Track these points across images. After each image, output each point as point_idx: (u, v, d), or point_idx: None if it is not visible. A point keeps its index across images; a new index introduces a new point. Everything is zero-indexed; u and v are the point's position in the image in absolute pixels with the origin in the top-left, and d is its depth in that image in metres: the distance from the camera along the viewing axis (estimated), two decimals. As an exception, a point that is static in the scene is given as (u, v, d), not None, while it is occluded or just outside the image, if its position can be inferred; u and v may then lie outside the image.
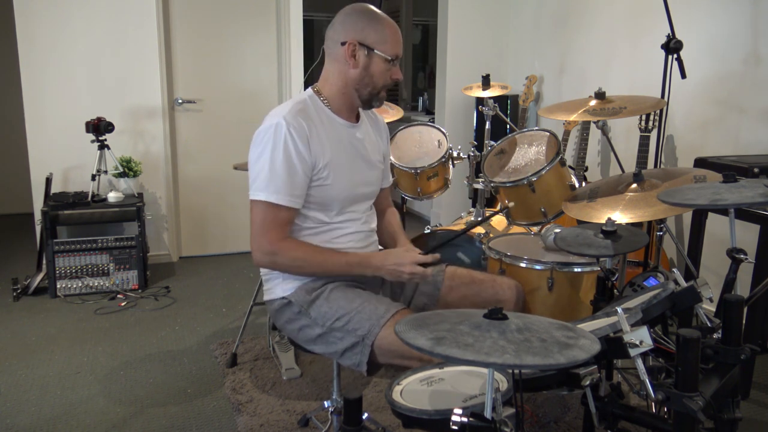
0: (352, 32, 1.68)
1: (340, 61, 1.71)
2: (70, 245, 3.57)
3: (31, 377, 2.62)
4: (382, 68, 1.70)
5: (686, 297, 1.38)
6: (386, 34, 1.68)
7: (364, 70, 1.70)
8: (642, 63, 3.52)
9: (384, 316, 1.61)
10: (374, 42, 1.67)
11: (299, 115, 1.65)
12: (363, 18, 1.68)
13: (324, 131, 1.71)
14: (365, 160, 1.82)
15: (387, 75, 1.72)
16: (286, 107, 1.67)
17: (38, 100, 3.78)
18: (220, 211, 4.44)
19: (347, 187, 1.75)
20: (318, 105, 1.74)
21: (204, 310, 3.42)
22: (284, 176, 1.63)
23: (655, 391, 1.13)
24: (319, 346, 1.71)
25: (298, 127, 1.63)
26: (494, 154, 2.55)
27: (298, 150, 1.63)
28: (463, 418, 1.04)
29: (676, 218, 3.37)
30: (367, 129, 1.87)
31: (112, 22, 3.85)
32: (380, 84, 1.72)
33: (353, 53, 1.68)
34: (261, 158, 1.64)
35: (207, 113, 4.31)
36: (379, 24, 1.68)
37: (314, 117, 1.70)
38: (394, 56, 1.70)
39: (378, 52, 1.68)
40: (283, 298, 1.75)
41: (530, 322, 1.04)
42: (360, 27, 1.68)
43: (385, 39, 1.68)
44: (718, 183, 1.49)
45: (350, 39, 1.68)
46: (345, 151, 1.75)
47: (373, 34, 1.67)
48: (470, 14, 4.60)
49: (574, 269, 2.09)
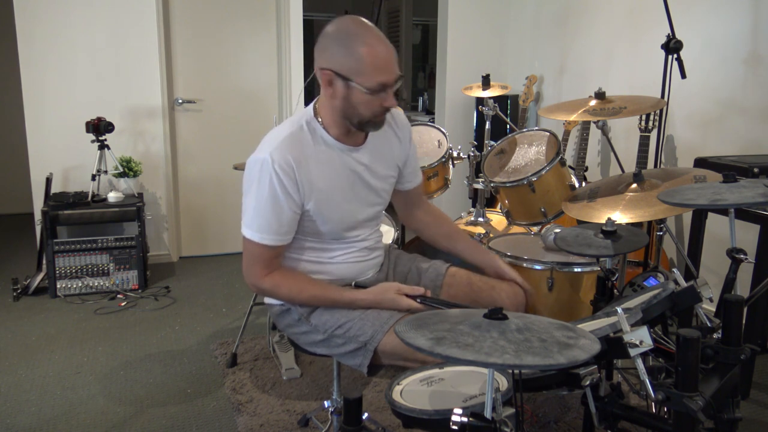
0: (326, 59, 1.51)
1: (323, 88, 1.56)
2: (70, 245, 3.57)
3: (31, 377, 2.62)
4: (365, 99, 1.51)
5: (686, 297, 1.38)
6: (365, 62, 1.46)
7: (344, 101, 1.53)
8: (642, 63, 3.52)
9: (388, 321, 1.59)
10: (350, 72, 1.48)
11: (289, 150, 1.55)
12: (340, 42, 1.49)
13: (317, 161, 1.61)
14: (366, 184, 1.71)
15: (374, 104, 1.52)
16: (278, 138, 1.58)
17: (38, 100, 3.78)
18: (220, 211, 4.44)
19: (341, 219, 1.68)
20: (315, 130, 1.63)
21: (204, 310, 3.42)
22: (269, 215, 1.57)
23: (655, 391, 1.13)
24: (321, 349, 1.71)
25: (285, 165, 1.54)
26: (494, 154, 2.55)
27: (285, 188, 1.55)
28: (463, 418, 1.04)
29: (676, 218, 3.37)
30: (376, 147, 1.73)
31: (113, 22, 3.85)
32: (368, 114, 1.55)
33: (330, 82, 1.53)
34: (248, 193, 1.60)
35: (207, 113, 4.31)
36: (356, 49, 1.46)
37: (308, 146, 1.60)
38: (377, 87, 1.49)
39: (355, 84, 1.49)
40: (282, 305, 1.74)
41: (530, 322, 1.04)
42: (336, 53, 1.49)
43: (362, 69, 1.47)
44: (718, 183, 1.49)
45: (326, 66, 1.51)
46: (341, 179, 1.65)
47: (349, 63, 1.48)
48: (470, 14, 4.60)
49: (574, 269, 2.09)
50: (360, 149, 1.69)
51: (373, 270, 1.84)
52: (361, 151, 1.69)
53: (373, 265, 1.84)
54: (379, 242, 1.87)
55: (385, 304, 1.62)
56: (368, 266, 1.82)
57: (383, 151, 1.75)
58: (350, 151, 1.67)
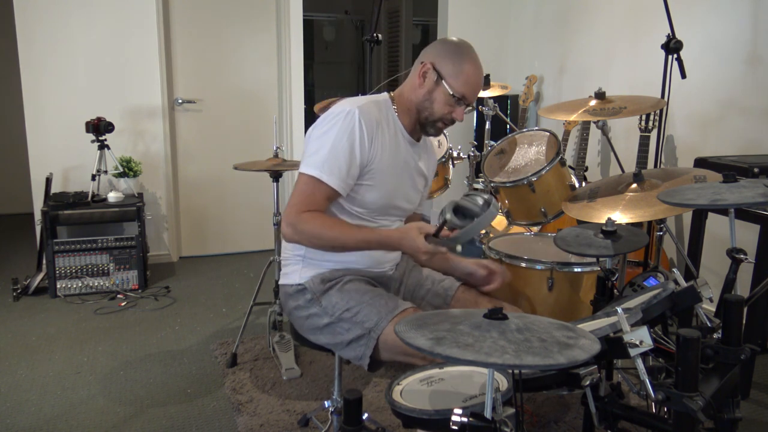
0: (433, 54, 1.71)
1: (414, 77, 1.73)
2: (70, 245, 3.57)
3: (31, 377, 2.62)
4: (444, 100, 1.70)
5: (686, 297, 1.38)
6: (462, 70, 1.67)
7: (428, 93, 1.71)
8: (642, 63, 3.52)
9: (393, 311, 1.62)
10: (447, 72, 1.68)
11: (373, 111, 1.68)
12: (450, 48, 1.70)
13: (387, 136, 1.72)
14: (412, 179, 1.83)
15: (448, 109, 1.71)
16: (362, 100, 1.70)
17: (38, 100, 3.78)
18: (220, 211, 4.44)
19: (385, 196, 1.75)
20: (390, 111, 1.76)
21: (204, 310, 3.42)
22: (342, 160, 1.63)
23: (655, 391, 1.13)
24: (325, 336, 1.72)
25: (368, 120, 1.65)
26: (494, 154, 2.55)
27: (363, 141, 1.64)
28: (463, 418, 1.04)
29: (676, 218, 3.37)
30: (425, 150, 1.89)
31: (112, 22, 3.85)
32: (438, 114, 1.72)
33: (424, 73, 1.70)
34: (325, 136, 1.64)
35: (207, 113, 4.31)
36: (460, 59, 1.68)
37: (383, 120, 1.72)
38: (460, 95, 1.68)
39: (445, 84, 1.68)
40: (298, 284, 1.76)
41: (530, 322, 1.04)
42: (443, 54, 1.69)
43: (458, 74, 1.67)
44: (718, 183, 1.49)
45: (428, 59, 1.70)
46: (398, 163, 1.76)
47: (449, 65, 1.68)
48: (470, 14, 4.60)
49: (574, 269, 2.09)
50: (417, 146, 1.83)
51: (390, 264, 1.88)
52: (417, 149, 1.83)
53: (391, 258, 1.88)
54: None
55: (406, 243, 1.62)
56: (387, 258, 1.86)
57: (425, 163, 1.89)
58: (411, 144, 1.80)
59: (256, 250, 4.50)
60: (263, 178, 3.34)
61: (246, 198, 4.45)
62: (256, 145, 4.30)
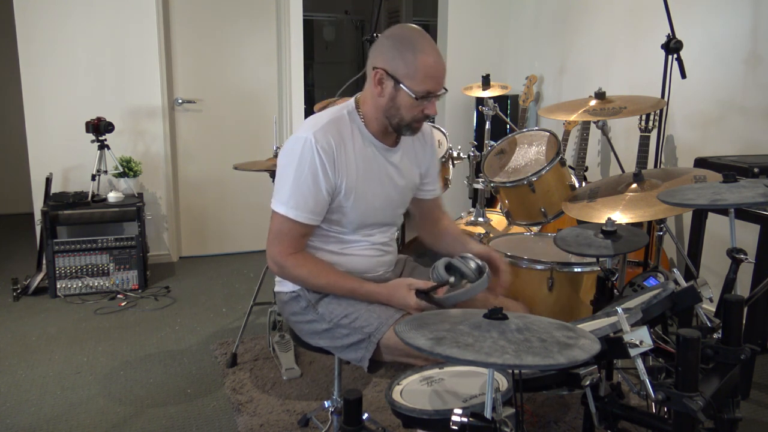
0: (382, 59, 1.59)
1: (371, 85, 1.63)
2: (70, 245, 3.57)
3: (31, 377, 2.62)
4: (410, 103, 1.59)
5: (686, 297, 1.38)
6: (418, 67, 1.54)
7: (390, 101, 1.60)
8: (642, 63, 3.52)
9: (394, 315, 1.61)
10: (402, 75, 1.56)
11: (330, 132, 1.60)
12: (397, 45, 1.57)
13: (354, 151, 1.65)
14: (394, 185, 1.76)
15: (417, 110, 1.60)
16: (321, 120, 1.63)
17: (38, 100, 3.78)
18: (220, 211, 4.44)
19: (363, 213, 1.72)
20: (356, 121, 1.68)
21: (204, 310, 3.42)
22: (307, 193, 1.61)
23: (655, 391, 1.13)
24: (324, 340, 1.72)
25: (326, 145, 1.59)
26: (494, 154, 2.55)
27: (324, 168, 1.59)
28: (463, 418, 1.04)
29: (676, 218, 3.37)
30: (407, 150, 1.79)
31: (112, 22, 3.85)
32: (408, 117, 1.62)
33: (380, 81, 1.60)
34: (287, 171, 1.62)
35: (207, 113, 4.31)
36: (411, 55, 1.54)
37: (347, 135, 1.65)
38: (423, 93, 1.57)
39: (404, 87, 1.57)
40: (292, 292, 1.76)
41: (530, 322, 1.04)
42: (391, 54, 1.57)
43: (414, 73, 1.55)
44: (718, 183, 1.49)
45: (379, 66, 1.59)
46: (373, 174, 1.70)
47: (402, 66, 1.56)
48: (470, 14, 4.60)
49: (574, 269, 2.09)
50: (393, 151, 1.74)
51: (384, 268, 1.85)
52: (393, 153, 1.74)
53: (385, 262, 1.85)
54: (393, 240, 1.89)
55: (395, 301, 1.63)
56: (381, 263, 1.83)
57: (411, 154, 1.81)
58: (385, 150, 1.73)
59: (256, 250, 4.50)
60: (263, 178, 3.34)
61: (246, 198, 4.45)
62: (256, 145, 4.30)
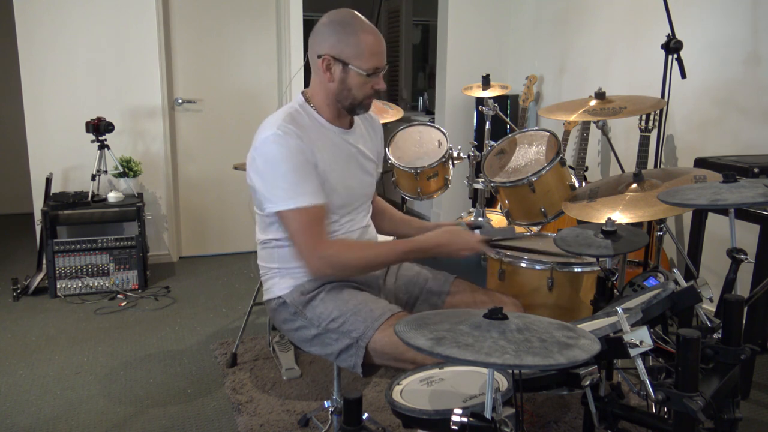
0: (326, 45, 1.64)
1: (319, 73, 1.68)
2: (70, 245, 3.57)
3: (31, 377, 2.62)
4: (360, 82, 1.65)
5: (686, 297, 1.38)
6: (362, 47, 1.62)
7: (341, 84, 1.66)
8: (642, 63, 3.52)
9: (379, 318, 1.60)
10: (349, 56, 1.62)
11: (291, 124, 1.63)
12: (338, 30, 1.63)
13: (317, 139, 1.68)
14: (359, 165, 1.80)
15: (367, 87, 1.67)
16: (277, 119, 1.64)
17: (38, 100, 3.78)
18: (220, 211, 4.44)
19: (345, 192, 1.74)
20: (309, 113, 1.72)
21: (204, 310, 3.42)
22: (305, 177, 1.61)
23: (655, 391, 1.13)
24: (316, 348, 1.71)
25: (294, 134, 1.61)
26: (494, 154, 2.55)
27: (302, 150, 1.61)
28: (463, 418, 1.04)
29: (676, 218, 3.37)
30: (362, 132, 1.85)
31: (113, 21, 3.85)
32: (360, 96, 1.68)
33: (328, 67, 1.65)
34: (274, 170, 1.60)
35: (207, 113, 4.31)
36: (354, 36, 1.62)
37: (306, 125, 1.68)
38: (372, 70, 1.64)
39: (353, 67, 1.63)
40: (279, 298, 1.75)
41: (530, 322, 1.04)
42: (335, 40, 1.63)
43: (360, 53, 1.62)
44: (718, 183, 1.49)
45: (325, 52, 1.64)
46: (339, 157, 1.73)
47: (347, 48, 1.62)
48: (470, 14, 4.60)
49: (574, 269, 2.09)
50: (350, 132, 1.79)
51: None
52: (351, 135, 1.80)
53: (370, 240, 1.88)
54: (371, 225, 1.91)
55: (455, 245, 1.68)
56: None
57: (368, 138, 1.88)
58: (343, 133, 1.77)
59: (256, 250, 4.50)
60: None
61: (246, 198, 4.45)
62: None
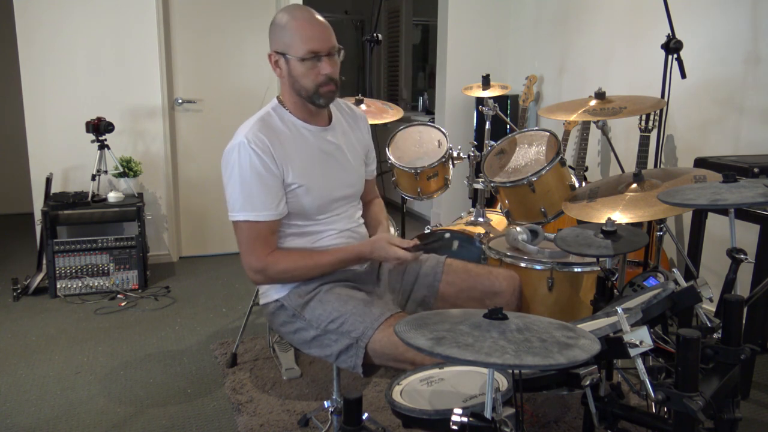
0: (271, 46, 1.72)
1: (276, 74, 1.74)
2: (70, 245, 3.57)
3: (31, 377, 2.62)
4: (303, 69, 1.67)
5: (686, 297, 1.38)
6: (293, 34, 1.66)
7: (289, 76, 1.71)
8: (642, 63, 3.52)
9: (378, 319, 1.61)
10: (285, 47, 1.67)
11: (261, 130, 1.67)
12: (276, 26, 1.70)
13: (290, 141, 1.72)
14: (340, 163, 1.81)
15: (313, 73, 1.68)
16: (249, 124, 1.71)
17: (38, 100, 3.78)
18: (220, 211, 4.43)
19: (321, 194, 1.75)
20: (283, 115, 1.76)
21: (204, 310, 3.42)
22: (257, 191, 1.65)
23: (655, 391, 1.13)
24: (315, 349, 1.71)
25: (259, 143, 1.65)
26: (494, 154, 2.55)
27: (265, 164, 1.65)
28: (463, 418, 1.04)
29: (676, 218, 3.37)
30: (343, 128, 1.86)
31: (113, 21, 3.85)
32: (310, 84, 1.69)
33: (276, 63, 1.71)
34: (231, 179, 1.67)
35: (207, 113, 4.31)
36: (286, 28, 1.67)
37: (279, 128, 1.72)
38: (309, 54, 1.65)
39: (290, 56, 1.67)
40: (276, 301, 1.76)
41: (530, 322, 1.04)
42: (274, 37, 1.70)
43: (292, 41, 1.66)
44: (718, 183, 1.49)
45: (270, 51, 1.72)
46: (316, 158, 1.75)
47: (281, 40, 1.68)
48: (470, 14, 4.60)
49: (574, 269, 2.09)
50: (328, 130, 1.80)
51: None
52: (329, 132, 1.80)
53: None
54: (360, 225, 1.92)
55: (377, 254, 1.71)
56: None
57: (350, 132, 1.89)
58: (320, 131, 1.79)
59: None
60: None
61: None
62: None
